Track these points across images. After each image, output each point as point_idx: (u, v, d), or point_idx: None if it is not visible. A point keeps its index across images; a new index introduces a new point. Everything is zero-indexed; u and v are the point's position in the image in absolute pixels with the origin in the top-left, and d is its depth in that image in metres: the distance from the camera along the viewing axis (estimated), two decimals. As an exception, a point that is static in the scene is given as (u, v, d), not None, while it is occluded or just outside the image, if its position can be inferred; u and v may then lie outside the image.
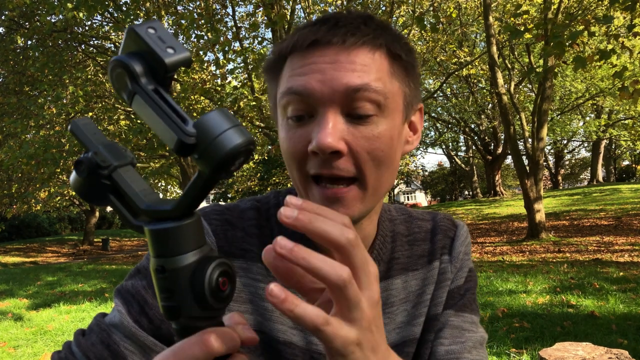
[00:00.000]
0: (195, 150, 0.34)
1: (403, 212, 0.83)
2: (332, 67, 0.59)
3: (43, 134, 11.34)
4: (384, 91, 0.61)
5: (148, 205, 0.37)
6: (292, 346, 0.70)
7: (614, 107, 23.15)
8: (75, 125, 0.40)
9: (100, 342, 0.62)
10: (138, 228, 0.38)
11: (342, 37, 0.60)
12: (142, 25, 0.35)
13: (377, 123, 0.61)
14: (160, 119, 0.35)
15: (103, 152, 0.38)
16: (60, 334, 5.45)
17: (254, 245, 0.71)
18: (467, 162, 31.57)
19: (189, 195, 0.36)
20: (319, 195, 0.62)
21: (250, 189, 25.27)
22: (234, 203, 0.77)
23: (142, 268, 0.68)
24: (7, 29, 12.70)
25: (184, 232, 0.36)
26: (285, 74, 0.63)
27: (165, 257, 0.36)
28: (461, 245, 0.80)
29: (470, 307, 0.79)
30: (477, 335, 0.76)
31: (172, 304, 0.36)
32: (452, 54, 16.00)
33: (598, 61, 6.47)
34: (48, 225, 28.13)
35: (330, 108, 0.59)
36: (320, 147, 0.58)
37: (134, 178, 0.38)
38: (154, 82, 0.36)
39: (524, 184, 10.94)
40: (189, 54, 0.36)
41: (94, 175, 0.38)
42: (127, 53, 0.36)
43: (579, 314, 4.83)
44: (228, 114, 0.35)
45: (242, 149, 0.34)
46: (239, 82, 11.36)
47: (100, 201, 0.39)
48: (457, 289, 0.78)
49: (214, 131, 0.33)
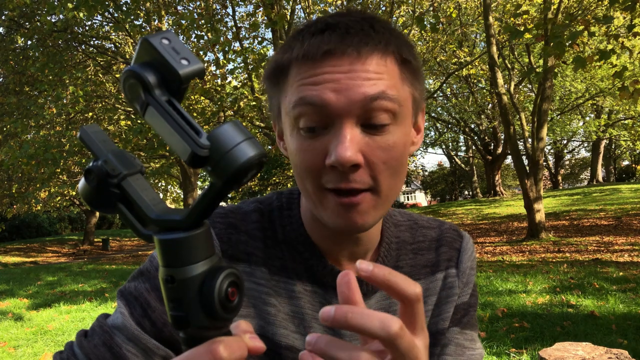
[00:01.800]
0: (208, 163, 0.34)
1: (408, 217, 0.83)
2: (347, 77, 0.58)
3: (43, 134, 11.35)
4: (399, 99, 0.60)
5: (158, 215, 0.37)
6: (294, 351, 0.70)
7: (613, 107, 23.13)
8: (85, 132, 0.40)
9: (102, 344, 0.62)
10: (147, 237, 0.38)
11: (357, 46, 0.58)
12: (156, 36, 0.35)
13: (392, 132, 0.60)
14: (174, 131, 0.35)
15: (113, 161, 0.38)
16: (60, 334, 5.45)
17: (258, 248, 0.71)
18: (467, 162, 31.57)
19: (199, 206, 0.36)
20: (334, 203, 0.61)
21: (251, 189, 25.28)
22: (237, 205, 0.77)
23: (146, 271, 0.68)
24: (7, 29, 12.70)
25: (193, 242, 0.36)
26: (292, 83, 0.61)
27: (174, 267, 0.36)
28: (468, 260, 0.80)
29: (472, 324, 0.80)
30: (476, 353, 0.78)
31: (181, 314, 0.36)
32: (452, 54, 16.01)
33: (598, 61, 6.47)
34: (48, 225, 28.14)
35: (347, 119, 0.58)
36: (340, 162, 0.56)
37: (144, 187, 0.38)
38: (167, 94, 0.36)
39: (524, 184, 10.94)
40: (202, 66, 0.36)
41: (104, 184, 0.37)
42: (140, 63, 0.36)
43: (579, 314, 4.84)
44: (241, 127, 0.35)
45: (255, 161, 0.34)
46: (239, 82, 11.37)
47: (109, 209, 0.39)
48: (463, 305, 0.79)
49: (228, 144, 0.33)
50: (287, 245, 0.72)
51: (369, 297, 0.73)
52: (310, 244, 0.71)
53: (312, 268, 0.70)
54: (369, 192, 0.60)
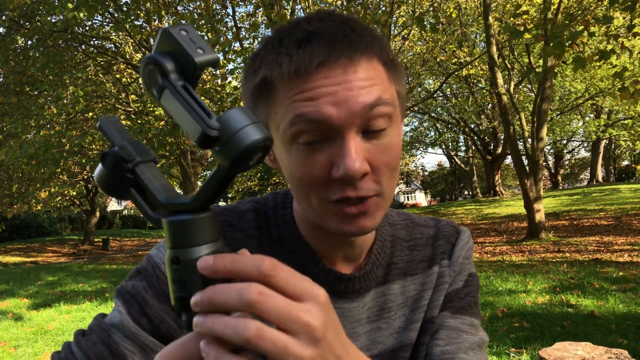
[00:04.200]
0: (217, 143, 0.36)
1: (405, 217, 0.83)
2: (342, 88, 0.56)
3: (43, 134, 11.34)
4: (392, 101, 0.60)
5: (167, 199, 0.39)
6: None
7: (613, 107, 23.15)
8: (104, 121, 0.43)
9: (100, 342, 0.63)
10: (156, 221, 0.40)
11: (348, 55, 0.57)
12: (175, 27, 0.38)
13: (390, 134, 0.60)
14: (187, 112, 0.37)
15: (128, 147, 0.41)
16: (60, 333, 5.45)
17: (253, 247, 0.71)
18: (467, 162, 31.57)
19: (206, 188, 0.38)
20: (342, 214, 0.60)
21: (250, 189, 25.29)
22: (233, 204, 0.77)
23: (143, 269, 0.68)
24: (7, 29, 12.71)
25: (199, 224, 0.38)
26: (283, 99, 0.58)
27: (180, 249, 0.38)
28: (461, 250, 0.79)
29: (471, 311, 0.78)
30: (476, 338, 0.75)
31: (184, 295, 0.38)
32: (452, 54, 16.01)
33: (598, 61, 6.47)
34: (48, 225, 28.13)
35: (349, 130, 0.57)
36: (349, 174, 0.56)
37: (156, 174, 0.41)
38: (182, 79, 0.38)
39: (524, 184, 10.95)
40: (217, 56, 0.38)
41: (119, 168, 0.40)
42: (159, 52, 0.39)
43: (579, 313, 4.84)
44: (248, 112, 0.37)
45: (261, 144, 0.36)
46: (239, 82, 11.37)
47: (122, 194, 0.41)
48: (455, 291, 0.78)
49: (235, 126, 0.36)
50: (281, 244, 0.72)
51: (363, 294, 0.73)
52: (303, 243, 0.71)
53: (305, 267, 0.71)
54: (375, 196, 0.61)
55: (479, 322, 0.78)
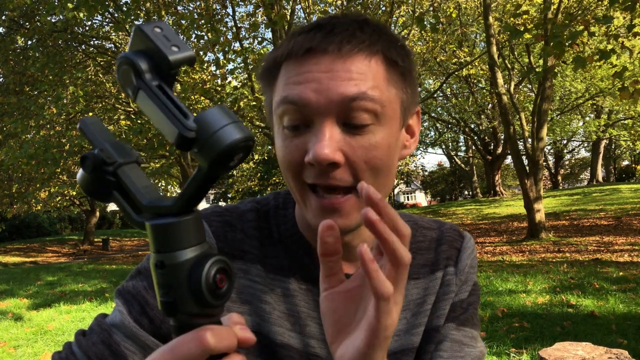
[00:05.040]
0: (195, 145, 0.35)
1: (408, 219, 0.82)
2: (328, 77, 0.58)
3: (43, 134, 11.34)
4: (381, 99, 0.60)
5: (149, 202, 0.38)
6: (289, 349, 0.70)
7: (613, 107, 23.14)
8: (84, 123, 0.41)
9: (101, 342, 0.62)
10: (140, 224, 0.38)
11: (338, 44, 0.59)
12: (149, 25, 0.37)
13: (374, 132, 0.60)
14: (162, 114, 0.36)
15: (109, 149, 0.39)
16: (60, 333, 5.45)
17: (254, 247, 0.71)
18: (467, 162, 31.57)
19: (187, 191, 0.37)
20: (315, 205, 0.61)
21: (251, 189, 25.28)
22: (234, 204, 0.77)
23: (143, 269, 0.68)
24: (7, 29, 12.70)
25: (183, 227, 0.37)
26: (280, 82, 0.62)
27: (164, 253, 0.37)
28: (467, 258, 0.79)
29: (472, 322, 0.78)
30: (476, 351, 0.76)
31: (170, 300, 0.37)
32: (452, 54, 16.01)
33: (598, 61, 6.48)
34: (48, 225, 28.13)
35: (327, 118, 0.59)
36: (316, 159, 0.57)
37: (138, 175, 0.39)
38: (157, 79, 0.37)
39: (524, 184, 10.95)
40: (192, 53, 0.37)
41: (99, 171, 0.39)
42: (133, 51, 0.37)
43: (579, 313, 4.84)
44: (227, 111, 0.36)
45: (241, 144, 0.34)
46: (239, 82, 11.38)
47: (104, 197, 0.40)
48: (460, 302, 0.78)
49: (214, 126, 0.34)
50: (282, 244, 0.72)
51: None
52: (304, 243, 0.71)
53: (306, 267, 0.71)
54: (353, 193, 0.61)
55: (478, 333, 0.79)
